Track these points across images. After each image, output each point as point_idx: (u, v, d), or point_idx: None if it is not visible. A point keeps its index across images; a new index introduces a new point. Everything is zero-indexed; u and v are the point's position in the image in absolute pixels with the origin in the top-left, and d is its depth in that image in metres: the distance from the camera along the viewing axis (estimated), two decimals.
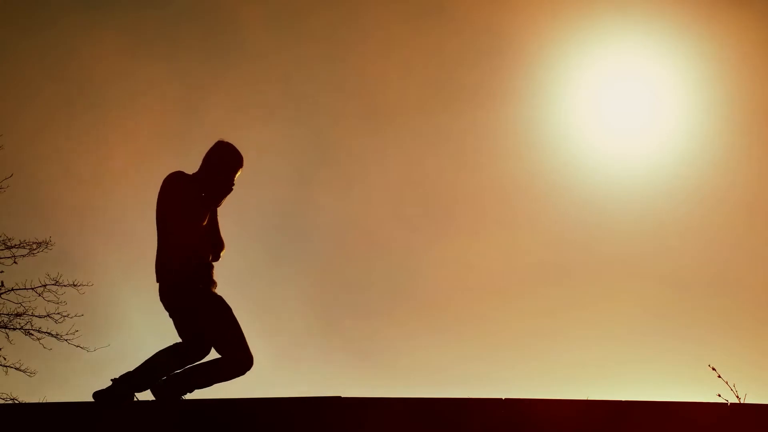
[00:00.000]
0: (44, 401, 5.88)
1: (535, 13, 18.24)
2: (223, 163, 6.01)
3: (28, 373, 17.27)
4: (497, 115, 19.32)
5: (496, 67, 18.92)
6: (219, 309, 5.78)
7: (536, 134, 18.99)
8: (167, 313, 5.89)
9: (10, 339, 17.43)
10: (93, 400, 5.56)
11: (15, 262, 17.66)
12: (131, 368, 5.68)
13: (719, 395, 5.92)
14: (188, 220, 5.86)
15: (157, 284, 5.87)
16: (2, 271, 17.64)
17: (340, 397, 5.41)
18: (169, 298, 5.83)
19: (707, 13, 17.59)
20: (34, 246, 17.76)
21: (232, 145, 6.09)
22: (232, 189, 6.03)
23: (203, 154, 6.09)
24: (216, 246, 6.04)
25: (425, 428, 5.33)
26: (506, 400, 5.40)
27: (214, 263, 6.02)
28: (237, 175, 6.05)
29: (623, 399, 5.41)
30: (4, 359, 17.25)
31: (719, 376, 6.42)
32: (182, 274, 5.80)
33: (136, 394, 5.65)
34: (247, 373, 5.77)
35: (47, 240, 17.89)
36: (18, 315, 17.53)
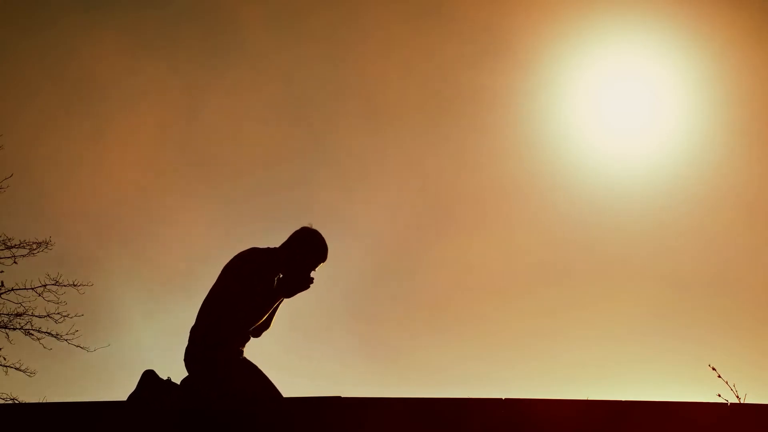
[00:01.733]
0: (44, 401, 5.88)
1: (535, 13, 18.24)
2: (305, 257, 5.69)
3: (28, 373, 17.29)
4: (497, 115, 19.33)
5: (496, 67, 18.92)
6: (246, 372, 5.66)
7: (536, 134, 19.00)
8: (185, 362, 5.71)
9: (10, 339, 17.45)
10: (142, 374, 5.57)
11: (15, 262, 17.67)
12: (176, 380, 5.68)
13: (719, 395, 5.92)
14: (250, 309, 5.64)
15: (186, 344, 5.67)
16: (2, 271, 17.66)
17: (340, 397, 5.41)
18: (195, 364, 5.63)
19: (707, 13, 17.60)
20: (34, 246, 17.78)
21: (319, 235, 5.75)
22: (309, 287, 5.70)
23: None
24: (263, 327, 5.82)
25: (425, 428, 5.33)
26: (506, 400, 5.40)
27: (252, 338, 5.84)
28: (317, 269, 5.73)
29: (623, 399, 5.41)
30: (4, 359, 17.26)
31: (719, 376, 6.42)
32: (219, 349, 5.64)
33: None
34: None
35: (47, 240, 17.91)
36: (18, 315, 17.54)
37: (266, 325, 5.86)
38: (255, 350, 5.85)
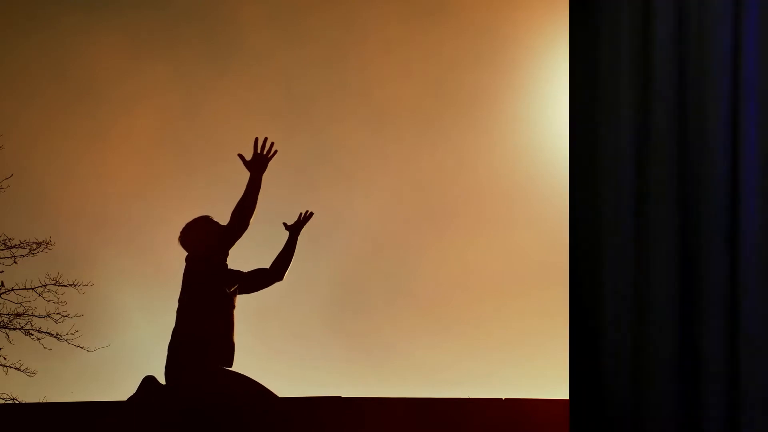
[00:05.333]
0: (44, 401, 5.88)
1: (535, 13, 18.26)
2: (197, 233, 5.88)
3: (28, 373, 17.27)
4: (497, 115, 19.34)
5: (497, 66, 18.94)
6: (229, 378, 5.59)
7: (536, 134, 19.02)
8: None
9: (10, 339, 17.43)
10: (142, 380, 5.55)
11: (15, 262, 17.66)
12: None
13: None
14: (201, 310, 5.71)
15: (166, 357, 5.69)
16: (2, 271, 17.66)
17: (340, 397, 5.41)
18: (179, 376, 5.60)
19: None
20: (34, 246, 17.74)
21: (185, 227, 5.95)
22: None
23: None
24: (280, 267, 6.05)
25: (425, 428, 5.33)
26: (506, 400, 5.40)
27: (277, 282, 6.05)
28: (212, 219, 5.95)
29: None
30: (4, 359, 17.25)
31: None
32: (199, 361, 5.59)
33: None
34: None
35: (47, 240, 17.86)
36: (18, 315, 17.53)
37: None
38: (254, 349, 5.84)
